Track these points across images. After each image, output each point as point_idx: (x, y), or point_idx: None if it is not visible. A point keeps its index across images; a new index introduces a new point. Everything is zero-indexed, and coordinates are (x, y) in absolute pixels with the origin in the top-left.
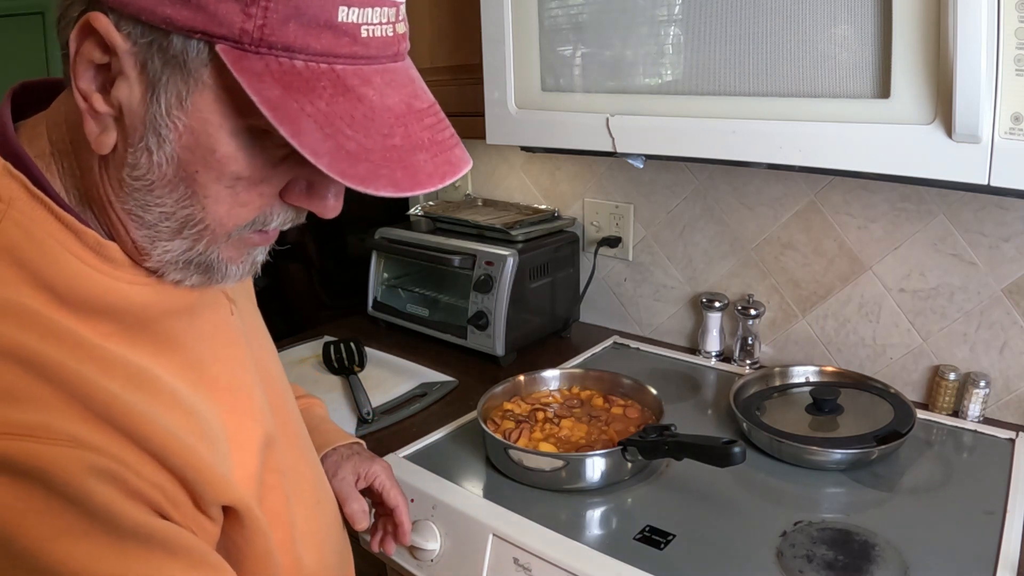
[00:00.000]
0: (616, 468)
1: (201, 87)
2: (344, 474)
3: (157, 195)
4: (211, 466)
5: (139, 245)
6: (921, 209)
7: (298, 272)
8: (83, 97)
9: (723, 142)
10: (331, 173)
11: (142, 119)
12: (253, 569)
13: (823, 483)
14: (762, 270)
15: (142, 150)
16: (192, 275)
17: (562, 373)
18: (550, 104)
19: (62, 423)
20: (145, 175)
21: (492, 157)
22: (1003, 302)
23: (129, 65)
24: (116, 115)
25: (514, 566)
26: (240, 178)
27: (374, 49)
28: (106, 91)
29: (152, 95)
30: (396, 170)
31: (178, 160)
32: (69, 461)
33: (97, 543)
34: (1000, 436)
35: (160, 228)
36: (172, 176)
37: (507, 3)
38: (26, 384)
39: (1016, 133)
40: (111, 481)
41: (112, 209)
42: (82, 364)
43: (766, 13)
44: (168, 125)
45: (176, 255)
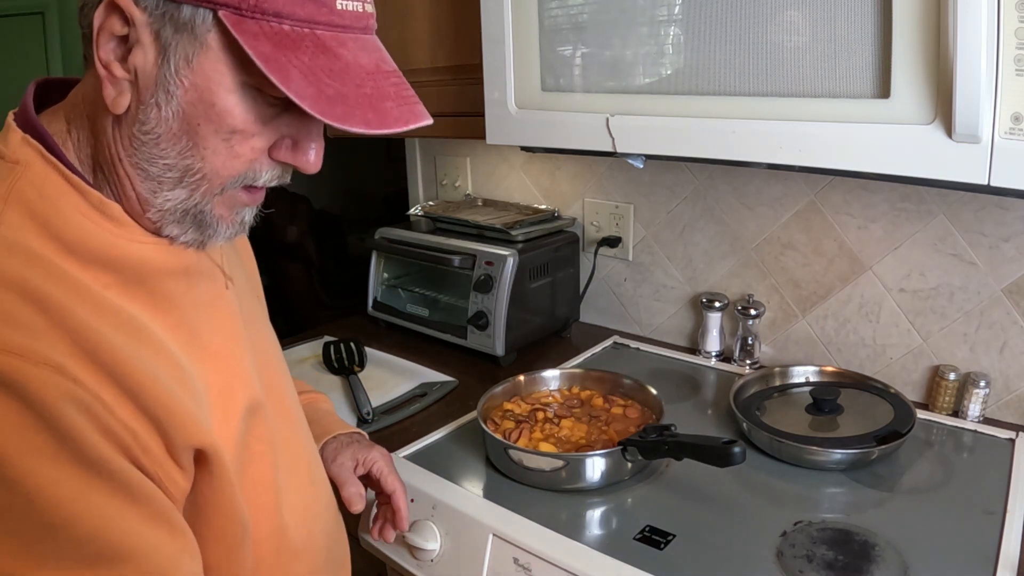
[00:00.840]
0: (616, 468)
1: (205, 49)
2: (343, 460)
3: (162, 147)
4: (186, 408)
5: (142, 197)
6: (921, 209)
7: (298, 272)
8: (104, 65)
9: (723, 142)
10: (313, 112)
11: (154, 79)
12: (217, 520)
13: (823, 483)
14: (762, 270)
15: (152, 106)
16: (188, 228)
17: (562, 373)
18: (550, 104)
19: (50, 351)
20: (153, 129)
21: (492, 157)
22: (1003, 302)
23: (145, 34)
24: (131, 79)
25: (514, 566)
26: (235, 131)
27: (348, 20)
28: (123, 59)
29: (163, 58)
30: (367, 112)
31: (183, 114)
32: (49, 384)
33: (62, 468)
34: (1000, 436)
35: (163, 179)
36: (177, 129)
37: (507, 3)
38: (23, 311)
39: (1016, 133)
40: (86, 413)
41: (121, 165)
42: (77, 304)
43: (766, 13)
44: (176, 83)
45: (175, 204)
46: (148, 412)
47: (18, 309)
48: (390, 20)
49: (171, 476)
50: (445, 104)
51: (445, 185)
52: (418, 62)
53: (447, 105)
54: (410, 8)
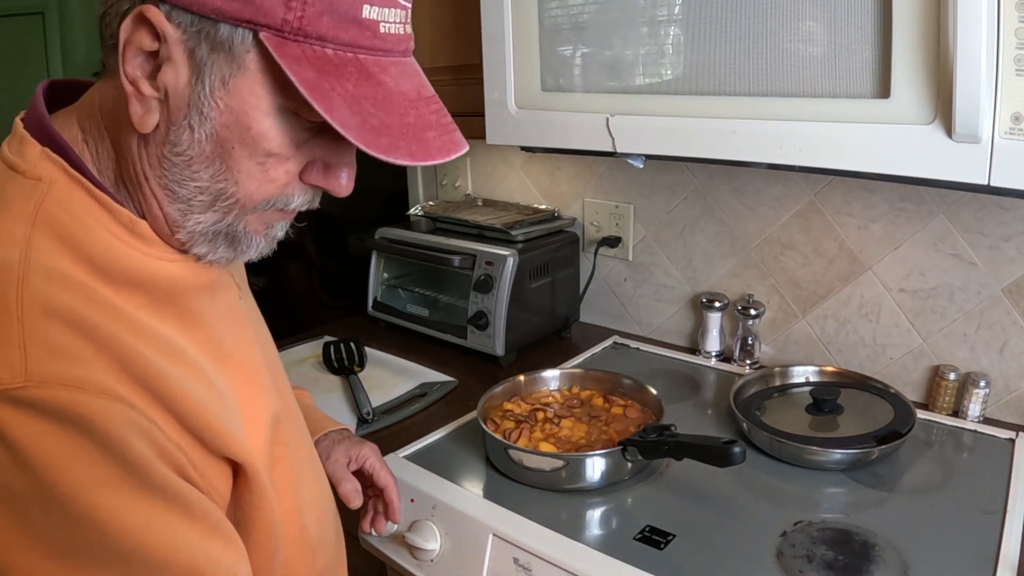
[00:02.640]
0: (616, 468)
1: (243, 71)
2: (337, 456)
3: (194, 170)
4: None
5: (171, 219)
6: (921, 209)
7: (298, 272)
8: (130, 82)
9: (723, 142)
10: (359, 144)
11: (186, 100)
12: (259, 536)
13: (823, 483)
14: (762, 270)
15: (184, 128)
16: (219, 247)
17: (562, 373)
18: (550, 104)
19: (105, 379)
20: (185, 151)
21: (492, 157)
22: (1003, 302)
23: (177, 51)
24: (160, 98)
25: (514, 566)
26: (270, 155)
27: (390, 43)
28: (152, 76)
29: (197, 78)
30: (412, 143)
31: (217, 137)
32: (111, 413)
33: (129, 496)
34: (1000, 436)
35: (194, 202)
36: (210, 152)
37: (507, 3)
38: (73, 342)
39: (1016, 133)
40: (145, 438)
41: (148, 185)
42: (119, 328)
43: (766, 13)
44: (211, 104)
45: (206, 227)
46: (192, 429)
47: (66, 339)
48: None
49: (217, 489)
50: (445, 104)
51: (445, 185)
52: (419, 62)
53: (447, 105)
54: (411, 8)
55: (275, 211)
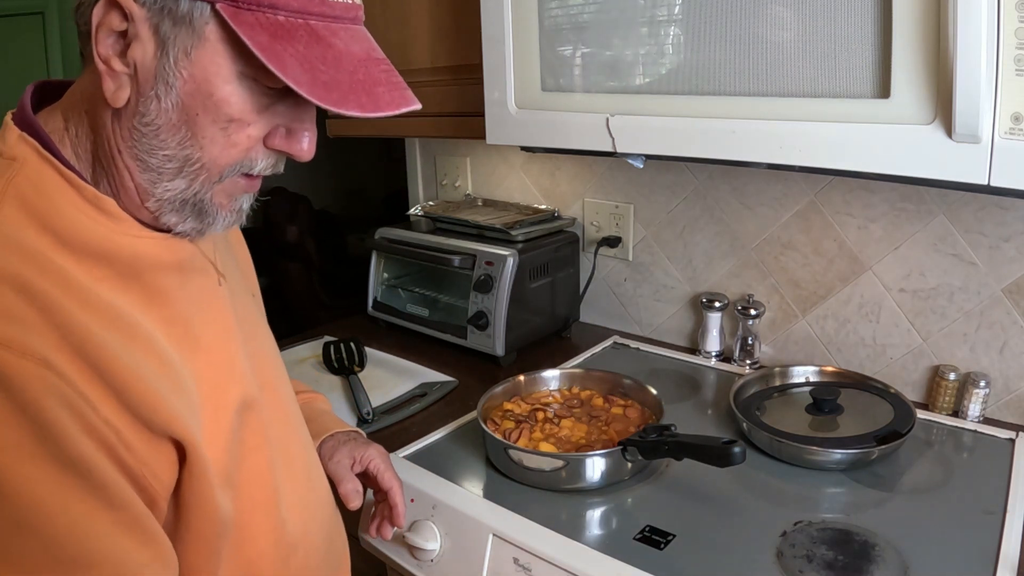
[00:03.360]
0: (616, 468)
1: (203, 41)
2: (340, 457)
3: (162, 138)
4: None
5: (142, 189)
6: (921, 209)
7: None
8: (103, 60)
9: (723, 142)
10: (310, 97)
11: (153, 72)
12: (198, 523)
13: (823, 483)
14: (762, 270)
15: (152, 98)
16: (187, 218)
17: (562, 373)
18: (550, 104)
19: (38, 345)
20: (153, 120)
21: (492, 157)
22: (1003, 302)
23: (144, 28)
24: (131, 74)
25: (514, 566)
26: (232, 120)
27: (338, 11)
28: (122, 54)
29: (162, 51)
30: (361, 96)
31: (182, 105)
32: (35, 378)
33: (39, 466)
34: (1000, 436)
35: (163, 170)
36: (176, 120)
37: (507, 3)
38: (16, 305)
39: (1016, 133)
40: (69, 409)
41: (121, 158)
42: (68, 299)
43: (766, 13)
44: (175, 75)
45: (175, 194)
46: (131, 408)
47: (10, 302)
48: (390, 20)
49: (155, 473)
50: (445, 104)
51: (445, 185)
52: (418, 62)
53: (447, 105)
54: (410, 8)
55: (241, 178)
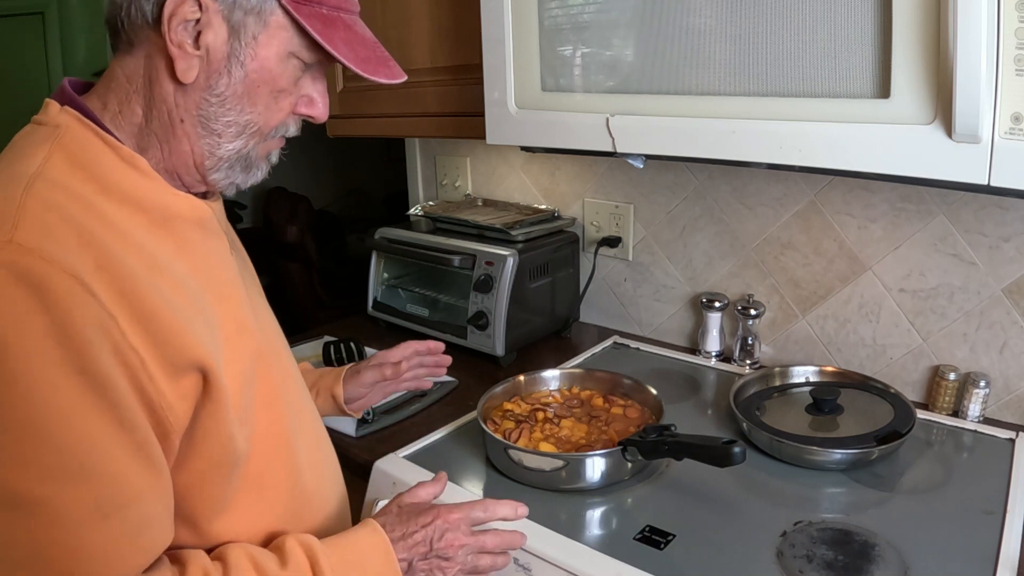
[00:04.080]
0: (616, 468)
1: (267, 27)
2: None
3: (227, 107)
4: (194, 329)
5: (198, 152)
6: (921, 209)
7: (298, 272)
8: (176, 45)
9: (723, 142)
10: (355, 68)
11: (224, 53)
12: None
13: (823, 483)
14: (762, 270)
15: (224, 73)
16: (235, 172)
17: (562, 373)
18: (550, 104)
19: (78, 266)
20: (223, 92)
21: (492, 157)
22: (1003, 302)
23: (216, 18)
24: (202, 55)
25: (514, 566)
26: (281, 90)
27: (351, 5)
28: (194, 39)
29: (234, 36)
30: (381, 68)
31: (246, 79)
32: (72, 293)
33: (62, 375)
34: (1000, 436)
35: (225, 134)
36: (240, 91)
37: (507, 3)
38: (59, 230)
39: (1016, 133)
40: (99, 328)
41: (183, 127)
42: (108, 233)
43: (766, 13)
44: (245, 54)
45: (231, 152)
46: (158, 340)
47: (55, 225)
48: (390, 20)
49: (171, 406)
50: (445, 104)
51: (445, 185)
52: (418, 62)
53: (447, 105)
54: (410, 8)
55: (277, 139)
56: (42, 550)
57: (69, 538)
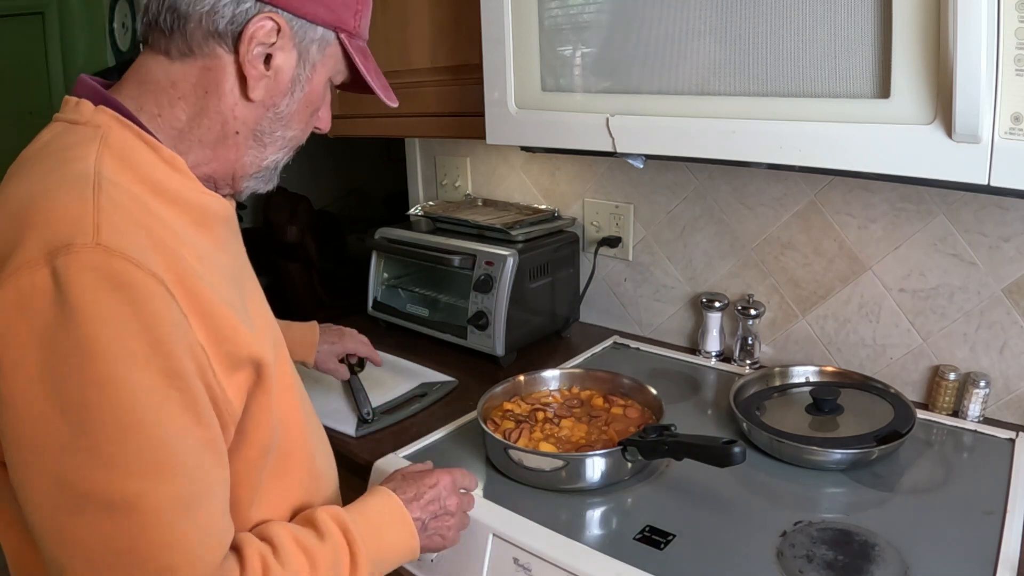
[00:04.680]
0: (616, 468)
1: (324, 56)
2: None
3: (284, 124)
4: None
5: (242, 162)
6: (921, 209)
7: (298, 272)
8: (252, 65)
9: (723, 142)
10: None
11: (290, 76)
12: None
13: (823, 483)
14: (762, 270)
15: (287, 93)
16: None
17: (562, 373)
18: (550, 104)
19: (154, 265)
20: (282, 111)
21: (492, 157)
22: (1003, 302)
23: (289, 44)
24: (269, 76)
25: (514, 566)
26: (318, 110)
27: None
28: (264, 60)
29: (301, 61)
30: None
31: (304, 100)
32: (157, 294)
33: (150, 376)
34: (1000, 436)
35: (271, 146)
36: (296, 111)
37: (507, 3)
38: (135, 231)
39: (1016, 133)
40: (177, 327)
41: (237, 138)
42: (166, 234)
43: (766, 13)
44: (306, 78)
45: (271, 162)
46: (217, 335)
47: (130, 227)
48: (390, 20)
49: (229, 400)
50: (445, 104)
51: (445, 185)
52: (418, 62)
53: (447, 105)
54: (410, 8)
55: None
56: (134, 547)
57: (158, 534)
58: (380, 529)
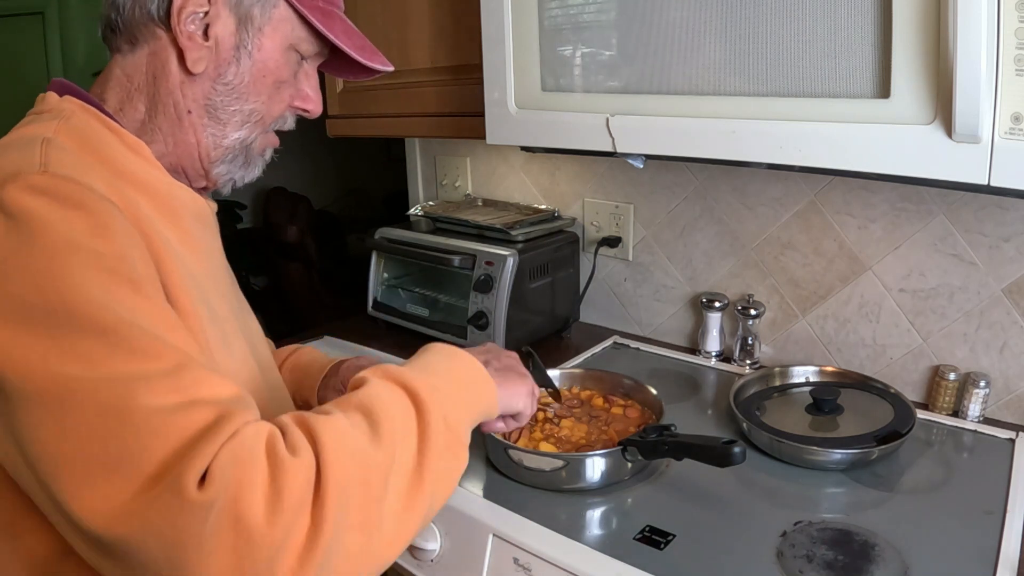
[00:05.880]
0: (616, 468)
1: (271, 20)
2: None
3: (235, 96)
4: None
5: (203, 144)
6: (921, 209)
7: (298, 272)
8: (187, 37)
9: (723, 142)
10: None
11: (233, 43)
12: None
13: (823, 483)
14: (762, 270)
15: (232, 63)
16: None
17: (562, 373)
18: (550, 104)
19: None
20: (231, 81)
21: (492, 157)
22: (1003, 302)
23: (224, 11)
24: (211, 46)
25: (514, 566)
26: (282, 81)
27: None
28: (203, 32)
29: (242, 27)
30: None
31: (253, 69)
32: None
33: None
34: (1000, 436)
35: (230, 123)
36: (247, 81)
37: (507, 3)
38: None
39: (1016, 133)
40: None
41: (189, 118)
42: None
43: (766, 13)
44: (251, 45)
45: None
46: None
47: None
48: (390, 20)
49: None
50: (445, 104)
51: (445, 185)
52: (418, 62)
53: (447, 105)
54: (410, 8)
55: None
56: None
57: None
58: (438, 363)
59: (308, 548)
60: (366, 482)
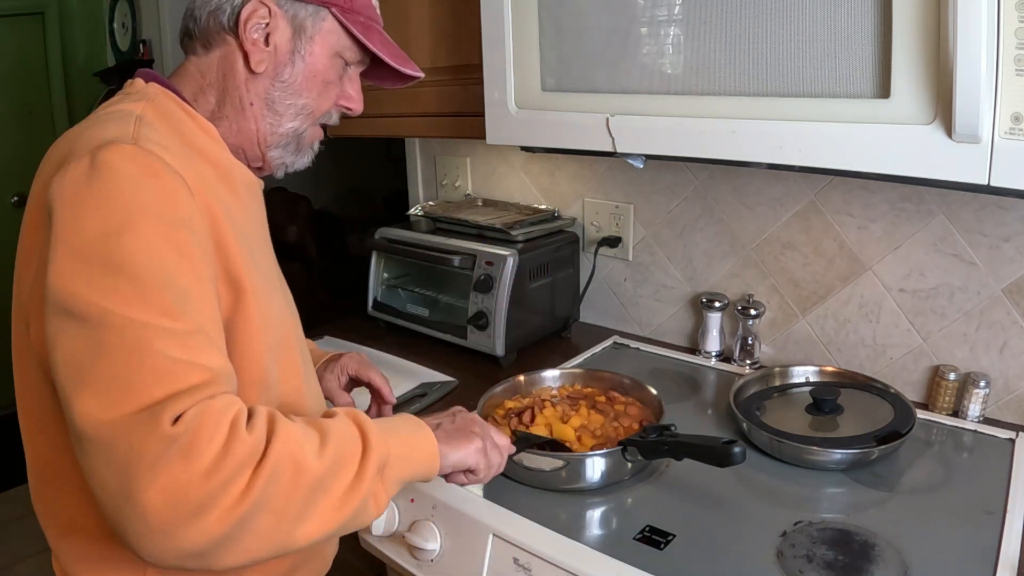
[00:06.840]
0: (616, 468)
1: (320, 31)
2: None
3: (290, 92)
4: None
5: (262, 131)
6: (921, 209)
7: (298, 272)
8: (251, 43)
9: (723, 142)
10: (391, 61)
11: (289, 49)
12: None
13: (823, 483)
14: (762, 270)
15: (288, 64)
16: (288, 152)
17: (562, 373)
18: (550, 104)
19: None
20: (287, 80)
21: (492, 157)
22: (1003, 302)
23: (283, 23)
24: (270, 51)
25: (514, 566)
26: (329, 82)
27: (379, 19)
28: (264, 39)
29: (295, 36)
30: (408, 64)
31: (305, 70)
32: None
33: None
34: (1000, 436)
35: (285, 114)
36: (300, 80)
37: (507, 3)
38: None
39: (1016, 133)
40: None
41: (252, 108)
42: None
43: (766, 13)
44: (303, 50)
45: (289, 130)
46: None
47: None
48: (390, 20)
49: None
50: (445, 104)
51: (445, 185)
52: (418, 62)
53: (447, 105)
54: (410, 8)
55: (319, 128)
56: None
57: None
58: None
59: (231, 509)
60: (295, 481)
